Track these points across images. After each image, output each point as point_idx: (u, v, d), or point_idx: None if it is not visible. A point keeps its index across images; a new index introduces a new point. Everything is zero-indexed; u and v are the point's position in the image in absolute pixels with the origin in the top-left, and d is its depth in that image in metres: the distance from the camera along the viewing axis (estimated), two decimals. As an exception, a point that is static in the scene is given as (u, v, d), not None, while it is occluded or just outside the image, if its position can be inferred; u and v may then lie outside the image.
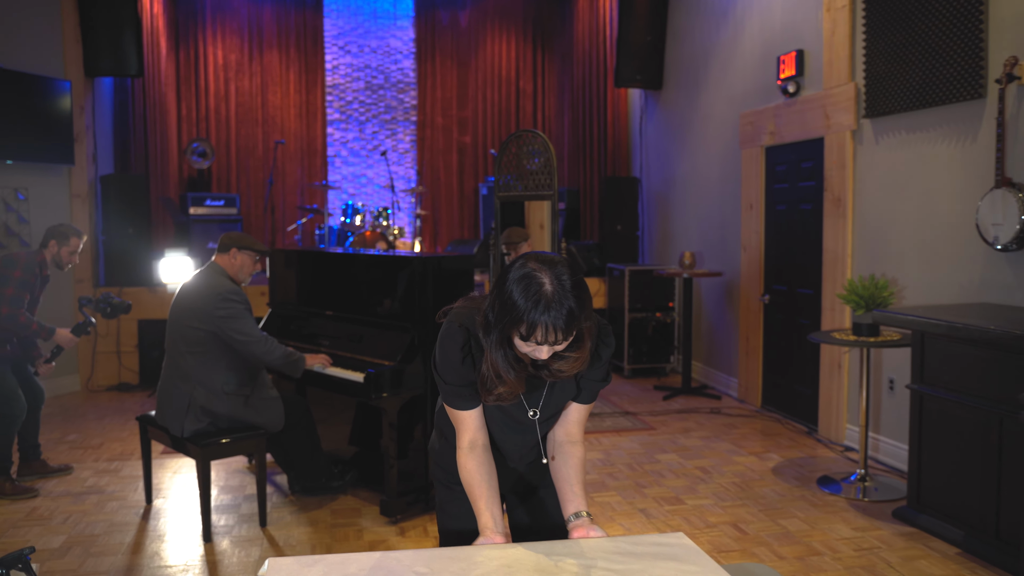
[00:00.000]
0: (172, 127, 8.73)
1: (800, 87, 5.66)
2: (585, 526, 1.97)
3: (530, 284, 1.72)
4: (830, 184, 5.30)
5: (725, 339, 6.90)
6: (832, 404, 5.35)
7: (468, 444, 2.03)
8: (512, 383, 1.86)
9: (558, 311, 1.71)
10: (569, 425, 2.11)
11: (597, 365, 2.02)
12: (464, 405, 2.01)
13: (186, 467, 4.98)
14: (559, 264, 1.77)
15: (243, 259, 4.06)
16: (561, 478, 2.07)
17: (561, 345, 1.76)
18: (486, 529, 1.92)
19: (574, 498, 2.03)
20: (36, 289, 4.57)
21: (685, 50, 7.48)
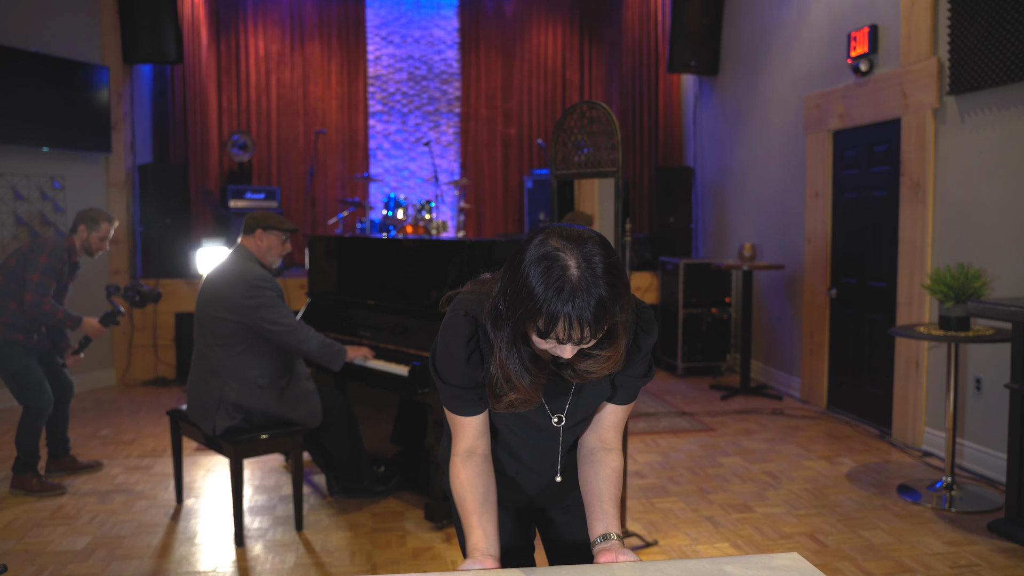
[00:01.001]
0: (213, 119, 8.55)
1: (873, 65, 5.27)
2: (614, 550, 1.60)
3: (552, 267, 1.37)
4: (908, 168, 4.91)
5: (786, 336, 6.51)
6: (909, 405, 4.95)
7: (465, 452, 1.70)
8: (526, 390, 1.52)
9: (585, 301, 1.35)
10: (603, 430, 1.75)
11: (636, 359, 1.65)
12: (466, 411, 1.68)
13: (220, 465, 4.74)
14: (589, 241, 1.40)
15: (270, 240, 3.76)
16: (590, 492, 1.70)
17: (589, 343, 1.42)
18: (475, 550, 1.60)
19: (603, 517, 1.67)
20: (64, 276, 4.34)
21: (744, 32, 7.10)
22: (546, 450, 1.76)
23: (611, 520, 1.66)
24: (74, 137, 6.44)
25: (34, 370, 4.24)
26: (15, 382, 4.22)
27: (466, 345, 1.59)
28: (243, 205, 7.91)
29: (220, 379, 3.59)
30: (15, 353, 4.19)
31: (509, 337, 1.47)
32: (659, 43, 8.25)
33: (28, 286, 4.14)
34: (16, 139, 6.05)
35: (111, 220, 4.45)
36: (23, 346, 4.22)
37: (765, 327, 6.85)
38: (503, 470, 1.83)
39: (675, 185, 7.81)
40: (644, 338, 1.63)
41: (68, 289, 4.43)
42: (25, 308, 4.13)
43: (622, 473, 1.73)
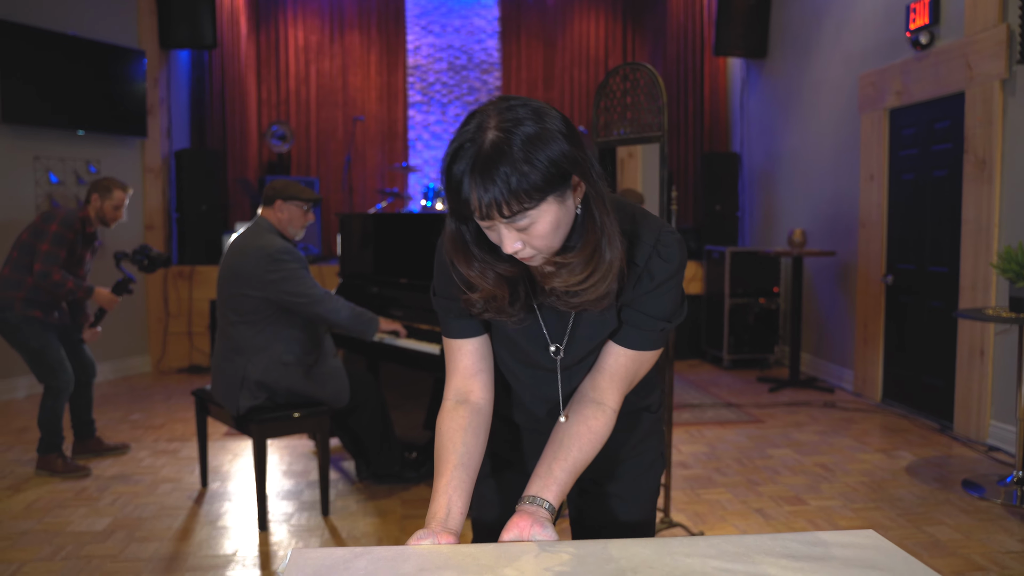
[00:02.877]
0: (252, 109, 8.47)
1: (934, 37, 4.98)
2: (534, 517, 1.30)
3: (463, 126, 1.20)
4: (972, 144, 4.61)
5: (838, 326, 6.21)
6: (972, 397, 4.65)
7: (455, 395, 1.45)
8: (481, 282, 1.30)
9: (487, 168, 1.14)
10: (598, 375, 1.43)
11: (649, 289, 1.36)
12: (458, 328, 1.44)
13: (247, 451, 4.61)
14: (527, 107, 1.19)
15: (290, 211, 3.57)
16: (552, 442, 1.40)
17: (520, 223, 1.19)
18: (433, 520, 1.34)
19: (545, 476, 1.36)
20: (77, 247, 4.17)
21: (793, 12, 6.82)
22: (548, 390, 1.50)
23: (552, 484, 1.35)
24: (110, 121, 6.37)
25: (53, 348, 4.12)
26: (34, 360, 4.11)
27: None
28: (281, 195, 7.80)
29: (244, 357, 3.43)
30: (34, 331, 4.08)
31: (448, 216, 1.28)
32: (704, 27, 7.99)
33: (37, 255, 4.00)
34: (52, 122, 6.00)
35: (125, 188, 4.27)
36: (42, 323, 4.11)
37: (815, 317, 6.56)
38: (511, 417, 1.59)
39: (721, 172, 7.54)
40: (659, 264, 1.35)
41: (86, 262, 4.28)
42: (34, 278, 4.00)
43: (601, 440, 1.40)
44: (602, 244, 1.27)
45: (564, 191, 1.21)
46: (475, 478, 1.41)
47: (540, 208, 1.19)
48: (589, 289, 1.28)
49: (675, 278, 1.38)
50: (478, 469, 1.42)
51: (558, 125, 1.20)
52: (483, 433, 1.44)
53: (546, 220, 1.20)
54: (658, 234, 1.36)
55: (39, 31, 5.84)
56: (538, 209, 1.18)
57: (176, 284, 6.92)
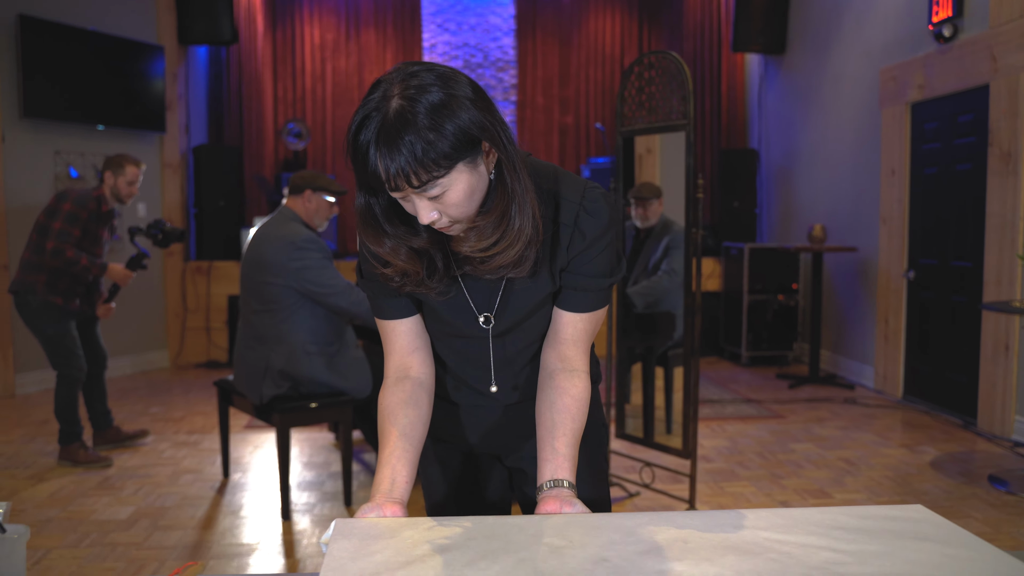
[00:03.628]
0: (268, 107, 8.49)
1: (958, 30, 4.94)
2: (561, 499, 1.29)
3: (368, 96, 1.16)
4: (997, 138, 4.57)
5: (858, 323, 6.17)
6: (996, 392, 4.61)
7: (395, 373, 1.43)
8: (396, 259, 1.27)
9: (392, 138, 1.12)
10: (561, 345, 1.41)
11: (579, 247, 1.34)
12: (389, 309, 1.42)
13: (268, 442, 4.61)
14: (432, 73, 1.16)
15: (318, 201, 3.57)
16: (543, 425, 1.38)
17: (431, 192, 1.16)
18: (378, 492, 1.31)
19: (553, 457, 1.34)
20: (93, 225, 4.13)
21: (813, 8, 6.79)
22: (480, 362, 1.46)
23: (563, 462, 1.34)
24: (129, 116, 6.40)
25: (69, 336, 4.14)
26: (50, 346, 4.13)
27: None
28: (297, 192, 7.81)
29: (266, 346, 3.43)
30: (53, 317, 4.09)
31: (357, 189, 1.24)
32: (722, 24, 7.97)
33: (50, 233, 4.01)
34: (72, 117, 6.02)
35: (138, 163, 4.24)
36: (61, 310, 4.11)
37: (834, 314, 6.52)
38: (447, 396, 1.54)
39: (739, 169, 7.51)
40: (587, 220, 1.33)
41: (104, 240, 4.24)
42: (48, 257, 4.00)
43: (587, 403, 1.40)
44: (511, 209, 1.24)
45: (475, 158, 1.18)
46: (419, 449, 1.39)
47: (451, 176, 1.16)
48: (498, 255, 1.26)
49: (608, 234, 1.36)
50: (422, 440, 1.40)
51: (466, 91, 1.17)
52: (425, 405, 1.42)
53: (458, 188, 1.18)
54: (583, 191, 1.34)
55: (60, 26, 5.87)
56: (448, 177, 1.16)
57: (194, 279, 6.94)
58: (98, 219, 4.18)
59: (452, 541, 1.17)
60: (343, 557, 1.11)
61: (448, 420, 1.56)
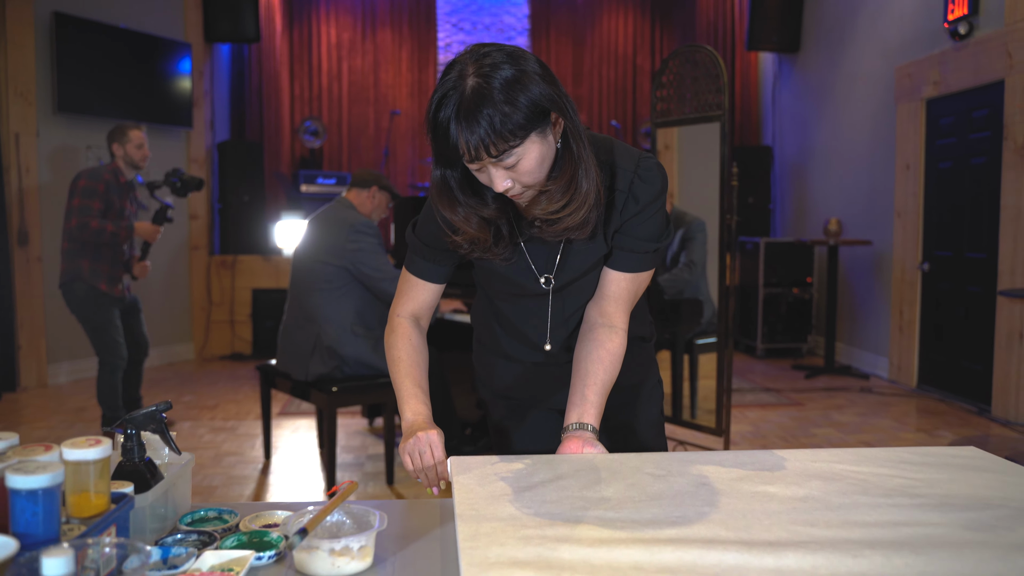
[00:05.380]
0: (285, 105, 8.63)
1: (973, 27, 5.08)
2: (583, 439, 1.42)
3: (445, 75, 1.27)
4: (1012, 132, 4.71)
5: (872, 315, 6.31)
6: (1011, 379, 4.74)
7: (407, 315, 1.58)
8: (465, 225, 1.38)
9: (473, 101, 1.22)
10: (603, 301, 1.52)
11: (632, 211, 1.45)
12: (423, 270, 1.56)
13: (303, 427, 4.74)
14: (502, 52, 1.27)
15: (381, 199, 3.75)
16: (577, 373, 1.50)
17: (507, 161, 1.26)
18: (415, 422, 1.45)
19: (581, 403, 1.46)
20: (113, 197, 4.21)
21: (827, 6, 6.93)
22: (539, 321, 1.58)
23: (590, 408, 1.46)
24: (157, 112, 6.53)
25: (114, 325, 4.26)
26: (95, 334, 4.25)
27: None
28: (315, 190, 7.94)
29: (316, 324, 3.57)
30: (99, 305, 4.22)
31: (435, 164, 1.35)
32: (735, 23, 8.11)
33: (71, 212, 4.11)
34: (103, 112, 6.16)
35: (138, 126, 4.34)
36: (108, 297, 4.24)
37: (849, 306, 6.66)
38: (509, 354, 1.66)
39: (753, 165, 7.64)
40: (641, 187, 1.44)
41: (128, 213, 4.32)
42: (76, 234, 4.10)
43: (620, 359, 1.51)
44: (579, 174, 1.34)
45: (545, 128, 1.29)
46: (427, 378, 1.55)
47: (524, 145, 1.26)
48: (567, 216, 1.36)
49: (658, 200, 1.47)
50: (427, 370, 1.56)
51: (534, 67, 1.28)
52: (426, 352, 1.58)
53: (531, 156, 1.28)
54: (637, 160, 1.46)
55: (93, 23, 6.01)
56: (523, 147, 1.26)
57: (219, 273, 7.07)
58: (119, 191, 4.26)
59: (563, 471, 1.30)
60: (471, 484, 1.25)
61: (512, 378, 1.69)
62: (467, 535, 1.03)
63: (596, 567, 0.94)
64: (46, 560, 0.68)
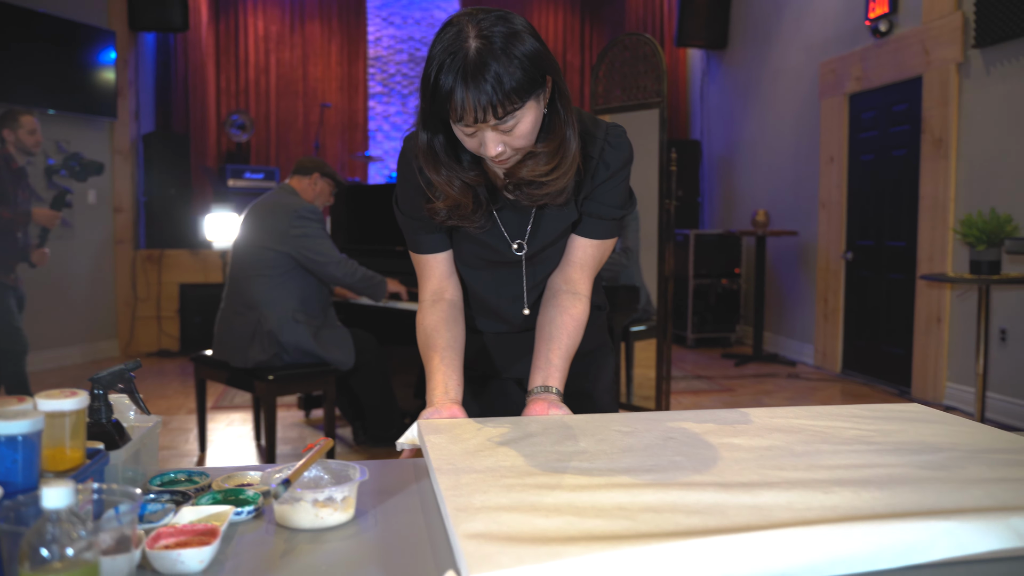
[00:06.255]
0: (211, 98, 8.45)
1: (893, 25, 5.28)
2: (548, 401, 1.44)
3: (444, 35, 1.26)
4: (929, 125, 4.92)
5: (798, 304, 6.50)
6: (929, 362, 4.95)
7: (432, 295, 1.55)
8: (448, 189, 1.37)
9: (477, 63, 1.21)
10: (569, 268, 1.54)
11: (604, 179, 1.47)
12: (428, 245, 1.54)
13: (238, 420, 4.66)
14: (496, 14, 1.26)
15: (323, 186, 3.74)
16: (541, 337, 1.52)
17: (507, 124, 1.26)
18: (434, 395, 1.45)
19: (546, 367, 1.48)
20: (8, 186, 4.11)
21: (754, 4, 7.11)
22: (514, 287, 1.58)
23: (554, 372, 1.49)
24: (80, 101, 6.33)
25: (12, 313, 4.14)
26: None
27: (415, 158, 1.42)
28: (243, 185, 7.79)
29: (256, 311, 3.52)
30: None
31: (421, 128, 1.34)
32: (664, 19, 8.25)
33: None
34: (23, 100, 5.92)
35: (29, 112, 4.23)
36: (1, 285, 4.11)
37: (776, 296, 6.85)
38: (474, 326, 1.65)
39: (682, 159, 7.77)
40: (611, 153, 1.45)
41: (22, 200, 4.20)
42: None
43: (583, 325, 1.53)
44: (567, 137, 1.35)
45: (540, 92, 1.29)
46: (463, 359, 1.52)
47: (524, 108, 1.26)
48: (554, 180, 1.36)
49: (626, 168, 1.49)
50: (463, 352, 1.53)
51: (528, 27, 1.28)
52: (462, 322, 1.55)
53: (528, 120, 1.28)
54: (606, 128, 1.47)
55: (10, 7, 5.78)
56: (523, 109, 1.26)
57: (145, 268, 6.89)
58: (11, 177, 4.15)
59: (532, 430, 1.32)
60: (443, 443, 1.25)
61: (475, 351, 1.68)
62: (448, 485, 1.04)
63: (581, 508, 0.96)
64: (47, 491, 0.67)
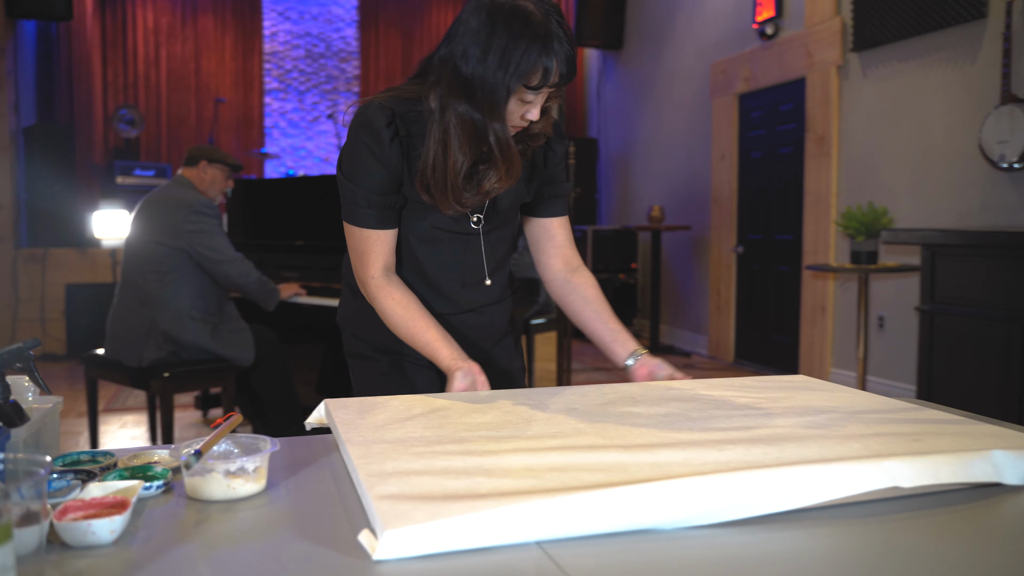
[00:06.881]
0: (98, 91, 8.14)
1: (779, 28, 5.52)
2: (649, 365, 1.59)
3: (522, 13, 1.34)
4: (812, 124, 5.16)
5: (693, 296, 6.72)
6: (815, 349, 5.20)
7: (383, 271, 1.54)
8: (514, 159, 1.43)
9: (560, 40, 1.34)
10: (563, 248, 1.67)
11: (555, 160, 1.62)
12: (382, 220, 1.52)
13: (131, 423, 4.52)
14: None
15: (214, 173, 3.62)
16: (588, 318, 1.64)
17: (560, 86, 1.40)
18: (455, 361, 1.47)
19: (620, 335, 1.62)
20: None
21: (648, 6, 7.31)
22: (475, 259, 1.62)
23: (626, 337, 1.64)
24: (-46, 92, 6.01)
25: None
26: None
27: (386, 127, 1.46)
28: (132, 182, 7.54)
29: (150, 308, 3.41)
30: None
31: (494, 102, 1.37)
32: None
33: None
34: None
35: None
36: None
37: (671, 290, 7.05)
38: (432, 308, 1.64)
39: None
40: (556, 140, 1.61)
41: None
42: None
43: (600, 288, 1.68)
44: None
45: None
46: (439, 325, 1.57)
47: None
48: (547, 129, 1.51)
49: (567, 152, 1.67)
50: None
51: None
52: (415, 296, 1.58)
53: None
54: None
55: None
56: None
57: (27, 267, 6.58)
58: None
59: (438, 405, 1.35)
60: (351, 418, 1.27)
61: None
62: (359, 455, 1.06)
63: (489, 470, 0.99)
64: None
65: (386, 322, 1.55)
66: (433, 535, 0.82)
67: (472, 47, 1.36)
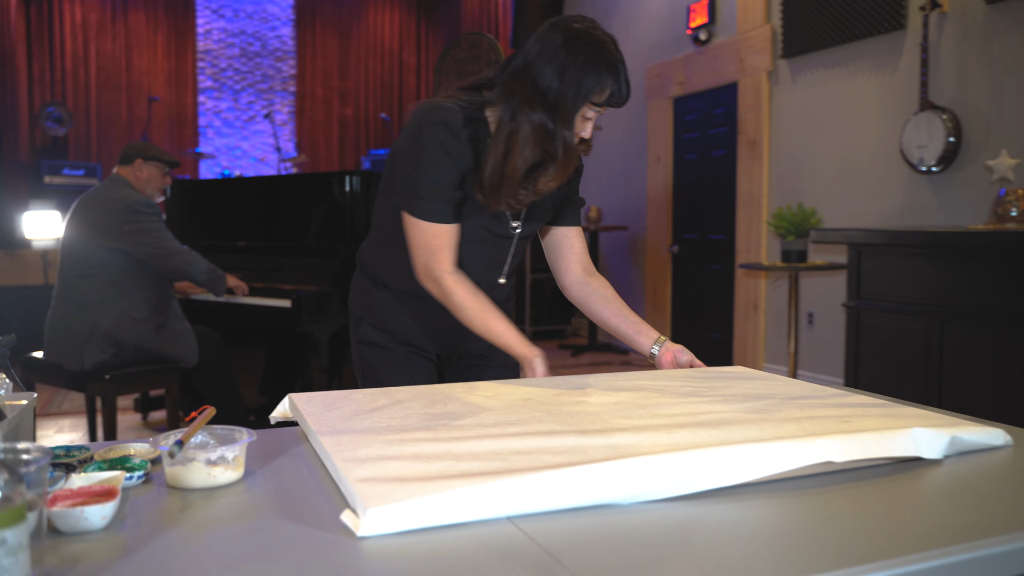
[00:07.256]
0: (23, 88, 7.93)
1: (712, 34, 5.69)
2: (672, 350, 1.78)
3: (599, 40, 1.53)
4: (744, 127, 5.34)
5: (630, 295, 6.87)
6: (748, 345, 5.38)
7: (453, 266, 1.65)
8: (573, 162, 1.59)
9: (624, 69, 1.55)
10: (580, 256, 1.85)
11: (575, 175, 1.82)
12: (454, 215, 1.62)
13: (67, 426, 4.45)
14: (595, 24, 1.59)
15: (150, 171, 3.57)
16: (611, 315, 1.81)
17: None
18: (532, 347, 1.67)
19: (642, 328, 1.80)
20: None
21: (585, 10, 7.43)
22: (499, 259, 1.76)
23: (647, 329, 1.80)
24: None
25: None
26: None
27: (463, 128, 1.57)
28: (61, 182, 7.38)
29: (91, 311, 3.38)
30: None
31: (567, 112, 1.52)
32: (499, 21, 8.46)
33: None
34: None
35: None
36: None
37: (609, 290, 7.19)
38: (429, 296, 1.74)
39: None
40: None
41: None
42: None
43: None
44: None
45: None
46: None
47: None
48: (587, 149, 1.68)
49: (582, 166, 1.82)
50: None
51: None
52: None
53: None
54: None
55: None
56: None
57: (-47, 269, 6.40)
58: None
59: (401, 397, 1.41)
60: (318, 411, 1.32)
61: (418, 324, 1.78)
62: (331, 443, 1.12)
63: (458, 455, 1.06)
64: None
65: (457, 314, 1.65)
66: (412, 512, 0.88)
67: (550, 65, 1.51)
